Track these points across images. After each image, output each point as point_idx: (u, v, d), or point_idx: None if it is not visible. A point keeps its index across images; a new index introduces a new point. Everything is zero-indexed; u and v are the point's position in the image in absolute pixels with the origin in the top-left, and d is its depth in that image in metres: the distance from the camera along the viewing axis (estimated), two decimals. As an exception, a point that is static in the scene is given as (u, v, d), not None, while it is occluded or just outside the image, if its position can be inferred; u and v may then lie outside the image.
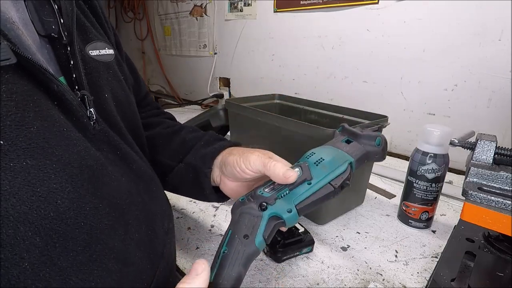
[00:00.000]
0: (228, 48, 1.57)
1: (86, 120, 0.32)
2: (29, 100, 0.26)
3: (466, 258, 0.45)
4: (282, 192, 0.36)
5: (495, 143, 0.45)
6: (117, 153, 0.37)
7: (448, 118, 0.93)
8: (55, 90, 0.29)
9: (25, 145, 0.24)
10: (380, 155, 0.42)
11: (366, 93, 1.09)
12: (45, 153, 0.26)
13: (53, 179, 0.26)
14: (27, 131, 0.25)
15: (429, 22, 0.90)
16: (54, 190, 0.26)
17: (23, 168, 0.24)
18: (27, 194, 0.24)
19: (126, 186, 0.35)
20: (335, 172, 0.37)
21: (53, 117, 0.28)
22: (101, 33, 0.42)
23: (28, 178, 0.24)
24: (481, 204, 0.40)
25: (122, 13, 2.22)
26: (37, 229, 0.24)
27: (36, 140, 0.25)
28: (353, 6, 1.05)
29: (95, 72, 0.37)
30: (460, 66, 0.87)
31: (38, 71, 0.27)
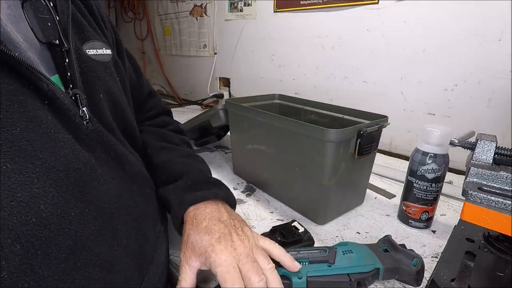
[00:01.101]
0: (228, 48, 1.57)
1: (79, 119, 0.32)
2: (14, 100, 0.25)
3: (466, 258, 0.45)
4: (302, 261, 0.38)
5: (495, 143, 0.45)
6: (111, 153, 0.36)
7: (448, 118, 0.93)
8: (45, 89, 0.28)
9: (5, 148, 0.23)
10: (413, 277, 0.42)
11: (366, 93, 1.09)
12: (28, 156, 0.25)
13: (36, 183, 0.25)
14: (9, 133, 0.24)
15: (429, 22, 0.90)
16: (37, 195, 0.25)
17: (2, 172, 0.23)
18: (6, 199, 0.23)
19: (116, 189, 0.34)
20: (358, 268, 0.39)
21: (40, 118, 0.27)
22: (99, 33, 0.41)
23: (8, 183, 0.23)
24: (481, 204, 0.40)
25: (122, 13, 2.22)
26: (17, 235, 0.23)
27: (19, 143, 0.24)
28: (353, 6, 1.05)
29: (91, 71, 0.36)
30: (460, 66, 0.87)
31: (26, 69, 0.26)
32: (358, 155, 0.57)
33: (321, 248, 0.41)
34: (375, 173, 0.84)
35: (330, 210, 0.61)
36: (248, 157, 0.76)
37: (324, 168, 0.55)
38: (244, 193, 0.73)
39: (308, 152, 0.58)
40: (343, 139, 0.54)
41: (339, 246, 0.42)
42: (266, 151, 0.68)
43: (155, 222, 0.42)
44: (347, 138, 0.55)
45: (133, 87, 0.53)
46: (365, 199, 0.70)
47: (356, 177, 0.63)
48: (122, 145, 0.39)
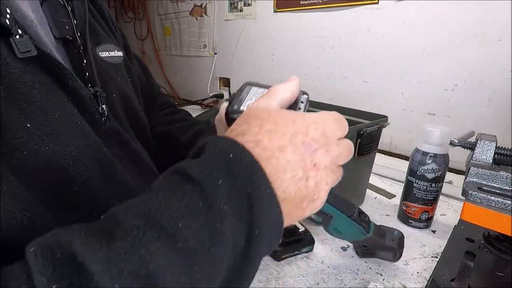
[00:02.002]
0: (228, 48, 1.56)
1: (98, 116, 0.33)
2: (49, 91, 0.27)
3: (466, 258, 0.45)
4: None
5: (495, 143, 0.45)
6: (125, 150, 0.38)
7: (448, 118, 0.93)
8: (69, 86, 0.30)
9: (48, 131, 0.25)
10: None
11: (366, 93, 1.09)
12: (65, 140, 0.26)
13: (72, 166, 0.26)
14: (50, 118, 0.26)
15: (429, 22, 0.90)
16: (72, 177, 0.26)
17: (46, 152, 0.24)
18: (47, 177, 0.24)
19: (132, 184, 0.35)
20: None
21: (70, 110, 0.29)
22: (111, 36, 0.43)
23: (50, 162, 0.25)
24: (481, 204, 0.40)
25: (122, 13, 2.22)
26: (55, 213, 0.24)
27: (58, 127, 0.26)
28: (353, 6, 1.05)
29: (105, 72, 0.38)
30: (460, 66, 0.87)
31: (55, 66, 0.28)
32: (358, 155, 0.57)
33: None
34: (375, 173, 0.84)
35: (330, 210, 0.61)
36: (248, 157, 0.76)
37: (324, 168, 0.55)
38: (244, 193, 0.73)
39: (308, 152, 0.58)
40: (343, 139, 0.54)
41: None
42: (266, 151, 0.68)
43: None
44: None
45: (143, 87, 0.55)
46: (365, 199, 0.70)
47: (356, 177, 0.63)
48: (135, 143, 0.40)
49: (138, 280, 0.16)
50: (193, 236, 0.19)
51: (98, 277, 0.16)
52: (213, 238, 0.19)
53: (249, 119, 0.25)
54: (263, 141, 0.23)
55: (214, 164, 0.21)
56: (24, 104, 0.24)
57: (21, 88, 0.24)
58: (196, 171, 0.20)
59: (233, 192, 0.21)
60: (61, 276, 0.15)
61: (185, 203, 0.19)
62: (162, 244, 0.18)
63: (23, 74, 0.25)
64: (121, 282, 0.16)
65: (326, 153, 0.25)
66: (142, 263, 0.17)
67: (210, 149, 0.22)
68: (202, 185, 0.20)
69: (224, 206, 0.20)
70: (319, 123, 0.25)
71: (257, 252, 0.22)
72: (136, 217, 0.18)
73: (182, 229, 0.18)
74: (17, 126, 0.23)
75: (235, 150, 0.22)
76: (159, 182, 0.21)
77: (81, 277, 0.16)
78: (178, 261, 0.18)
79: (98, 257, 0.16)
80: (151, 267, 0.17)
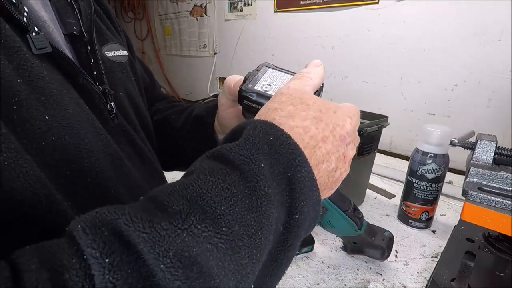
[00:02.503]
0: (228, 48, 1.56)
1: (107, 113, 0.34)
2: (63, 87, 0.28)
3: (466, 258, 0.45)
4: None
5: (495, 143, 0.45)
6: (133, 147, 0.38)
7: (448, 118, 0.93)
8: (80, 83, 0.31)
9: (64, 123, 0.26)
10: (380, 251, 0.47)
11: (366, 93, 1.09)
12: (79, 133, 0.27)
13: (85, 158, 0.27)
14: (66, 112, 0.26)
15: (429, 22, 0.90)
16: (85, 169, 0.27)
17: (62, 143, 0.25)
18: (63, 169, 0.25)
19: (140, 181, 0.36)
20: None
21: (82, 106, 0.29)
22: (116, 35, 0.43)
23: (65, 153, 0.26)
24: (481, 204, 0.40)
25: (122, 13, 2.22)
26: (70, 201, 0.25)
27: (73, 121, 0.27)
28: (353, 6, 1.05)
29: (111, 71, 0.38)
30: (460, 66, 0.87)
31: (67, 63, 0.29)
32: (358, 155, 0.57)
33: None
34: (375, 173, 0.84)
35: (330, 210, 0.61)
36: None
37: (324, 168, 0.55)
38: (244, 193, 0.73)
39: (308, 152, 0.58)
40: (343, 139, 0.54)
41: None
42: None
43: None
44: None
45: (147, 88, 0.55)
46: (365, 199, 0.70)
47: (356, 177, 0.63)
48: (141, 141, 0.41)
49: (183, 262, 0.16)
50: (238, 219, 0.18)
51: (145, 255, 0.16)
52: (259, 222, 0.19)
53: (294, 101, 0.25)
54: (311, 128, 0.23)
55: (254, 147, 0.20)
56: (43, 98, 0.25)
57: (39, 82, 0.25)
58: (235, 154, 0.20)
59: (275, 176, 0.20)
60: (111, 251, 0.16)
61: (226, 186, 0.19)
62: (205, 227, 0.17)
63: (41, 69, 0.25)
64: (167, 262, 0.16)
65: (354, 147, 0.27)
66: (186, 245, 0.17)
67: (249, 132, 0.21)
68: (242, 169, 0.20)
69: (268, 190, 0.19)
70: (353, 118, 0.26)
71: (295, 237, 0.21)
72: (178, 201, 0.18)
73: (225, 213, 0.18)
74: (36, 117, 0.24)
75: (276, 133, 0.21)
76: (196, 167, 0.21)
77: (129, 254, 0.16)
78: (223, 245, 0.18)
79: (143, 236, 0.16)
80: (195, 251, 0.17)
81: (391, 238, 0.47)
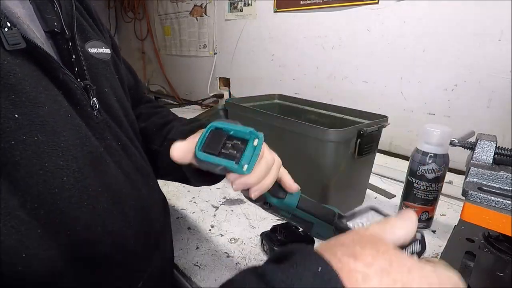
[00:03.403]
0: (228, 48, 1.56)
1: (89, 109, 0.34)
2: (39, 84, 0.27)
3: (466, 258, 0.45)
4: None
5: (495, 143, 0.45)
6: (118, 143, 0.38)
7: (448, 118, 0.93)
8: (60, 79, 0.30)
9: (37, 121, 0.26)
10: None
11: (366, 93, 1.09)
12: (54, 131, 0.27)
13: (61, 156, 0.27)
14: (39, 109, 0.26)
15: (429, 22, 0.90)
16: (61, 167, 0.27)
17: (34, 142, 0.25)
18: (35, 167, 0.25)
19: (123, 177, 0.36)
20: None
21: (60, 102, 0.29)
22: (98, 33, 0.43)
23: (38, 152, 0.25)
24: (481, 204, 0.40)
25: (122, 13, 2.22)
26: (40, 203, 0.25)
27: (47, 119, 0.27)
28: (353, 6, 1.05)
29: (95, 68, 0.38)
30: (460, 66, 0.87)
31: (45, 59, 0.29)
32: (358, 155, 0.57)
33: None
34: (375, 173, 0.84)
35: (330, 210, 0.61)
36: (248, 157, 0.76)
37: (324, 168, 0.55)
38: (244, 193, 0.73)
39: (308, 152, 0.58)
40: (343, 139, 0.54)
41: None
42: (266, 151, 0.68)
43: (158, 213, 0.44)
44: (347, 138, 0.55)
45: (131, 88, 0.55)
46: (365, 199, 0.70)
47: (356, 177, 0.63)
48: (128, 138, 0.41)
49: None
50: None
51: None
52: None
53: (364, 242, 0.22)
54: (372, 279, 0.20)
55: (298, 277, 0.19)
56: (13, 95, 0.24)
57: (10, 79, 0.24)
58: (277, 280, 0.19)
59: None
60: None
61: None
62: None
63: (13, 66, 0.25)
64: None
65: None
66: None
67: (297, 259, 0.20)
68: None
69: None
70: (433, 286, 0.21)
71: None
72: None
73: None
74: (4, 115, 0.24)
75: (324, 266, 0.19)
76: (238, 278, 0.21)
77: None
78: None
79: None
80: None
81: None
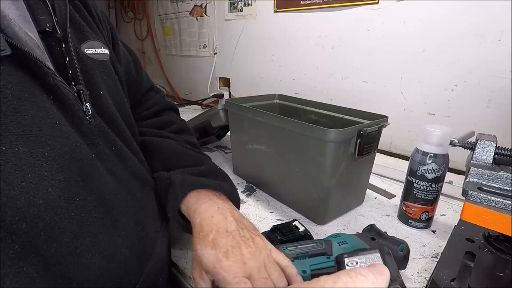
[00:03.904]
0: (228, 48, 1.56)
1: (82, 114, 0.33)
2: (25, 91, 0.26)
3: (466, 258, 0.45)
4: (302, 255, 0.40)
5: (495, 143, 0.45)
6: (112, 148, 0.37)
7: (448, 118, 0.93)
8: (50, 84, 0.29)
9: (18, 132, 0.25)
10: (400, 262, 0.45)
11: (366, 93, 1.09)
12: (38, 141, 0.26)
13: (45, 166, 0.26)
14: (22, 118, 0.25)
15: (429, 22, 0.90)
16: (45, 178, 0.26)
17: (14, 153, 0.24)
18: (17, 179, 0.24)
19: (116, 183, 0.35)
20: None
21: (47, 109, 0.28)
22: (97, 32, 0.42)
23: (19, 164, 0.24)
24: (481, 204, 0.40)
25: (122, 13, 2.22)
26: (23, 215, 0.24)
27: (30, 128, 0.26)
28: (353, 6, 1.05)
29: (91, 70, 0.37)
30: (460, 66, 0.87)
31: (34, 64, 0.28)
32: (358, 155, 0.57)
33: (317, 241, 0.43)
34: (375, 173, 0.84)
35: (330, 210, 0.61)
36: (248, 157, 0.76)
37: (324, 168, 0.55)
38: (244, 193, 0.73)
39: (308, 152, 0.58)
40: (343, 139, 0.54)
41: (333, 238, 0.44)
42: (266, 151, 0.68)
43: (155, 218, 0.43)
44: (347, 138, 0.55)
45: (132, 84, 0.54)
46: (365, 199, 0.70)
47: (356, 177, 0.63)
48: (124, 142, 0.40)
49: None
50: None
51: None
52: None
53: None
54: None
55: None
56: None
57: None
58: None
59: None
60: None
61: None
62: None
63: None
64: None
65: None
66: None
67: None
68: None
69: None
70: None
71: None
72: None
73: None
74: None
75: None
76: None
77: None
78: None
79: None
80: None
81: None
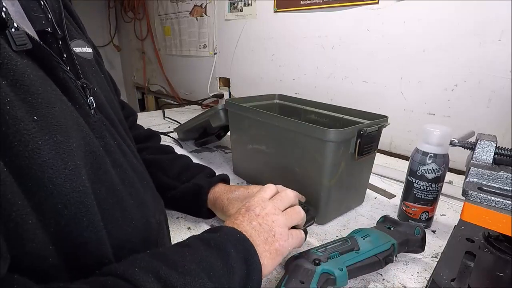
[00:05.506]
0: (228, 48, 1.56)
1: (87, 108, 0.34)
2: (47, 84, 0.27)
3: (466, 258, 0.45)
4: (333, 254, 0.42)
5: (495, 143, 0.45)
6: (114, 142, 0.38)
7: (448, 118, 0.93)
8: (60, 77, 0.30)
9: (54, 122, 0.26)
10: (419, 244, 0.50)
11: (366, 93, 1.09)
12: (67, 131, 0.27)
13: (76, 156, 0.27)
14: (54, 110, 0.26)
15: (429, 22, 0.90)
16: (79, 166, 0.27)
17: (55, 142, 0.25)
18: (60, 166, 0.25)
19: (122, 175, 0.36)
20: (379, 247, 0.45)
21: (66, 102, 0.29)
22: (79, 32, 0.43)
23: (60, 152, 0.25)
24: (481, 204, 0.40)
25: (122, 13, 2.22)
26: (68, 201, 0.25)
27: (60, 119, 0.26)
28: (353, 6, 1.05)
29: (82, 67, 0.38)
30: (460, 66, 0.87)
31: (49, 58, 0.28)
32: (358, 155, 0.57)
33: (342, 240, 0.46)
34: (375, 173, 0.84)
35: (330, 210, 0.61)
36: (248, 157, 0.76)
37: (324, 168, 0.55)
38: (244, 193, 0.73)
39: (308, 152, 0.58)
40: (343, 139, 0.54)
41: (355, 234, 0.47)
42: (266, 151, 0.68)
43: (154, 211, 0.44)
44: (347, 138, 0.55)
45: None
46: (365, 199, 0.70)
47: (356, 177, 0.63)
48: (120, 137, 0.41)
49: None
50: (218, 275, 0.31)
51: None
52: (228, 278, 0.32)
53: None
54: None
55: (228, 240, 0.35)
56: (30, 97, 0.24)
57: (25, 81, 0.24)
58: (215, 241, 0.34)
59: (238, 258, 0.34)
60: None
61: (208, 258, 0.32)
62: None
63: (24, 67, 0.25)
64: None
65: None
66: None
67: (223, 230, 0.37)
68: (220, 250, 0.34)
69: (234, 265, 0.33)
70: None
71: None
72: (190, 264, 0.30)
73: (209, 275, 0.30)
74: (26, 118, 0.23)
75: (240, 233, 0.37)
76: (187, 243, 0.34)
77: None
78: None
79: None
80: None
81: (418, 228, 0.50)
